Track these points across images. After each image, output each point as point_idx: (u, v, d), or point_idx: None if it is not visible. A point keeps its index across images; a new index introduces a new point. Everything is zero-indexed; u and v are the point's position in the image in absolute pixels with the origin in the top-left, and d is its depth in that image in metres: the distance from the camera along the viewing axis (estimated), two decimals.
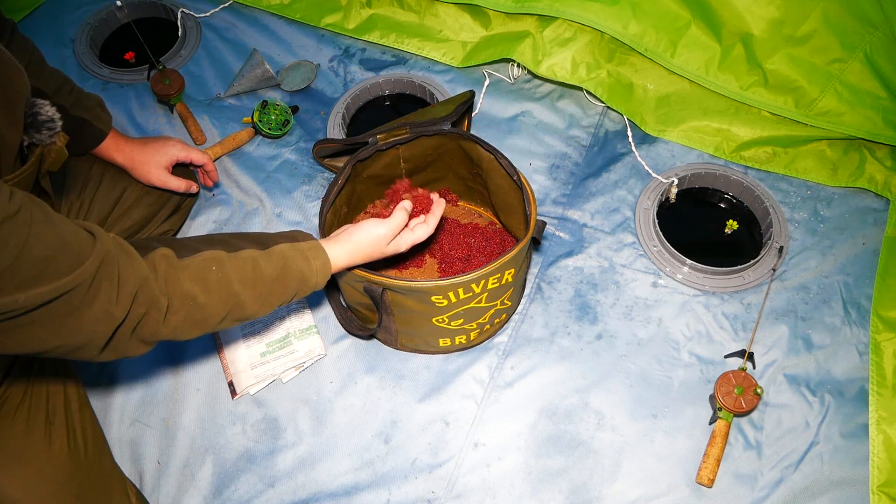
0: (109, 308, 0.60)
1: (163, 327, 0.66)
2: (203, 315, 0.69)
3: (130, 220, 1.03)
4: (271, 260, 0.74)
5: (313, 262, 0.77)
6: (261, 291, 0.73)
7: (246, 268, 0.72)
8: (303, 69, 1.36)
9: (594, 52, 1.21)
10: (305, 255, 0.77)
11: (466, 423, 0.97)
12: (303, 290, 0.77)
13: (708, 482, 0.89)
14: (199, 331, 0.70)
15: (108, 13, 1.46)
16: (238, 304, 0.71)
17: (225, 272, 0.70)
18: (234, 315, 0.72)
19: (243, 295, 0.71)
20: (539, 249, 1.12)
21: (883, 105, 1.07)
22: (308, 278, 0.77)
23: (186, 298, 0.67)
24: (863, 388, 0.96)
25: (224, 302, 0.70)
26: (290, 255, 0.76)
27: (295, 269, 0.75)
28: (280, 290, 0.75)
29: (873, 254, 1.07)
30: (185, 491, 0.95)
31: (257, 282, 0.72)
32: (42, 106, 0.71)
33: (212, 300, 0.69)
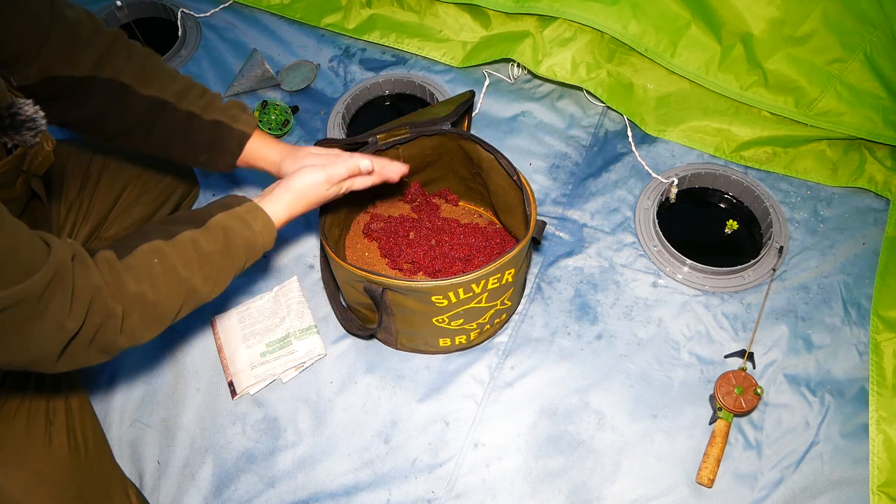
0: (62, 321, 0.58)
1: (119, 335, 0.65)
2: (157, 312, 0.67)
3: (130, 219, 1.03)
4: (211, 235, 0.71)
5: (254, 225, 0.74)
6: (209, 271, 0.71)
7: (188, 251, 0.69)
8: (303, 69, 1.36)
9: (594, 52, 1.21)
10: (244, 220, 0.74)
11: (466, 423, 0.97)
12: (252, 255, 0.75)
13: (708, 482, 0.89)
14: (157, 328, 0.69)
15: (108, 13, 1.46)
16: (190, 290, 0.69)
17: (168, 262, 0.68)
18: (189, 303, 0.70)
19: (192, 280, 0.69)
20: (539, 249, 1.12)
21: (883, 105, 1.07)
22: (254, 242, 0.74)
23: (137, 300, 0.65)
24: (863, 388, 0.96)
25: (175, 293, 0.68)
26: (229, 225, 0.73)
27: (237, 237, 0.73)
28: (228, 264, 0.73)
29: (873, 254, 1.07)
30: (185, 491, 0.95)
31: (203, 262, 0.70)
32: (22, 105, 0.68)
33: (162, 294, 0.67)
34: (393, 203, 1.15)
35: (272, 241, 0.77)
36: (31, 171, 0.74)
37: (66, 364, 0.63)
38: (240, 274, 0.77)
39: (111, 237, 1.02)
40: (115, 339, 0.64)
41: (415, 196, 1.12)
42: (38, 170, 0.74)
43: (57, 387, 0.86)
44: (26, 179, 0.75)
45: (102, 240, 1.01)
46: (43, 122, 0.69)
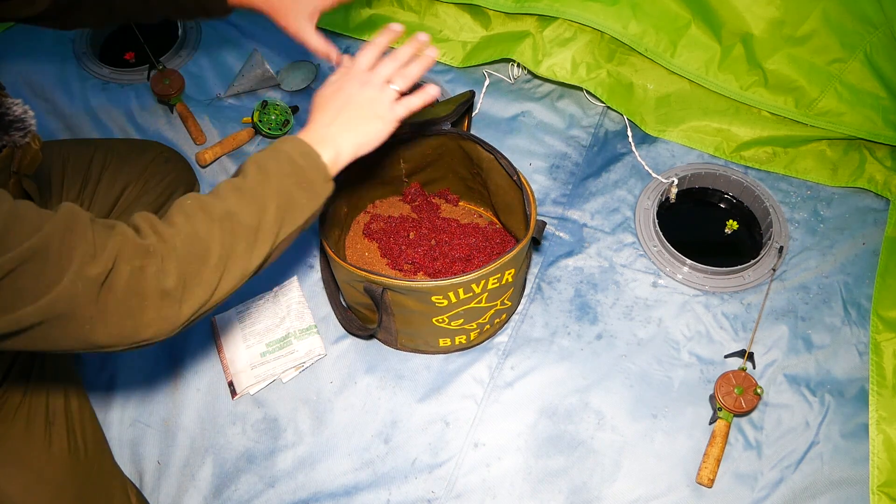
0: (84, 269, 0.52)
1: (165, 276, 0.56)
2: (202, 248, 0.58)
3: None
4: (245, 173, 0.64)
5: (283, 147, 0.65)
6: (250, 200, 0.62)
7: (223, 189, 0.63)
8: (303, 69, 1.36)
9: (594, 52, 1.21)
10: (274, 147, 0.66)
11: (466, 423, 0.97)
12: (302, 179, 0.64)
13: (708, 482, 0.89)
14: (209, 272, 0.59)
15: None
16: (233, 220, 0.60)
17: (202, 201, 0.61)
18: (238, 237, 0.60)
19: (233, 209, 0.61)
20: (539, 249, 1.12)
21: (883, 105, 1.07)
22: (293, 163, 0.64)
23: (175, 235, 0.58)
24: (863, 388, 0.96)
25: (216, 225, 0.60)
26: (260, 157, 0.65)
27: (268, 162, 0.64)
28: (272, 188, 0.62)
29: (873, 254, 1.07)
30: (185, 491, 0.95)
31: (241, 193, 0.62)
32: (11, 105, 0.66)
33: (201, 227, 0.59)
34: (393, 203, 1.15)
35: (316, 160, 0.65)
36: (21, 172, 0.73)
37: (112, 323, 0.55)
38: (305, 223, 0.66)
39: None
40: (162, 283, 0.56)
41: (415, 196, 1.12)
42: (27, 169, 0.74)
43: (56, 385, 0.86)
44: (18, 181, 0.75)
45: None
46: (32, 122, 0.69)
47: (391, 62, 0.73)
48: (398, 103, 0.72)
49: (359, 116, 0.70)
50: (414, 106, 0.73)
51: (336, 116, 0.69)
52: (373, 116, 0.70)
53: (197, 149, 1.25)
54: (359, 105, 0.70)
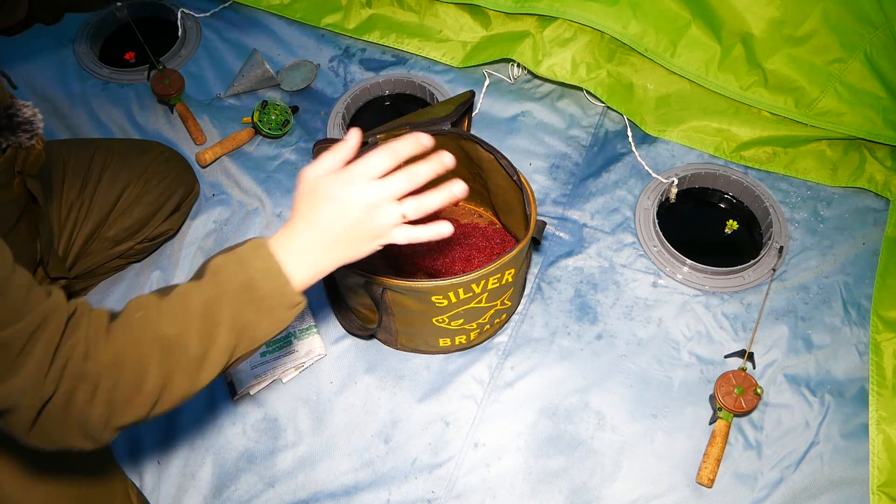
0: (38, 380, 0.49)
1: (93, 406, 0.52)
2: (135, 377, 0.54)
3: (131, 219, 1.03)
4: (202, 282, 0.55)
5: (252, 263, 0.55)
6: (199, 324, 0.55)
7: (175, 304, 0.55)
8: (303, 69, 1.36)
9: (594, 52, 1.21)
10: (241, 259, 0.56)
11: (466, 423, 0.97)
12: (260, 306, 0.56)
13: (708, 482, 0.89)
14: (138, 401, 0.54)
15: (108, 13, 1.46)
16: (167, 347, 0.54)
17: (150, 316, 0.54)
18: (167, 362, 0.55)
19: (170, 336, 0.54)
20: (539, 249, 1.12)
21: (883, 105, 1.07)
22: (253, 287, 0.55)
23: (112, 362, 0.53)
24: (863, 388, 0.96)
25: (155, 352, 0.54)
26: (223, 266, 0.56)
27: (230, 281, 0.55)
28: (221, 314, 0.55)
29: (873, 254, 1.07)
30: (185, 491, 0.95)
31: (188, 312, 0.54)
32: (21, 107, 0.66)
33: (142, 354, 0.54)
34: None
35: (285, 287, 0.56)
36: (25, 171, 0.74)
37: (43, 438, 0.53)
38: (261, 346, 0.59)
39: (112, 237, 1.02)
40: (90, 411, 0.52)
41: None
42: (31, 169, 0.74)
43: None
44: (23, 180, 0.75)
45: (103, 240, 1.01)
46: (40, 124, 0.69)
47: (407, 180, 0.58)
48: (401, 229, 0.59)
49: (352, 237, 0.57)
50: (419, 239, 0.60)
51: (325, 232, 0.57)
52: (368, 238, 0.58)
53: (197, 149, 1.25)
54: (357, 224, 0.57)
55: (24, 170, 0.73)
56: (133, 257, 1.10)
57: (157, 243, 1.12)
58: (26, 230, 0.81)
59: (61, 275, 0.89)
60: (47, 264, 0.86)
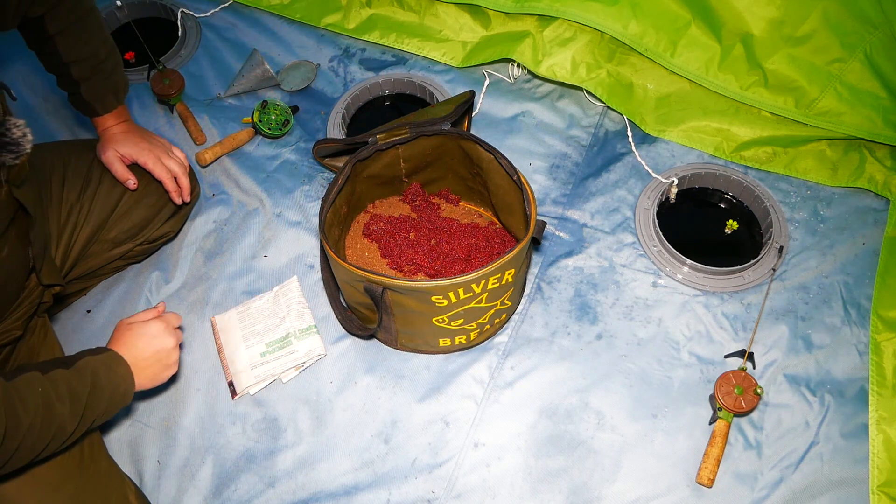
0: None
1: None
2: (31, 443, 0.67)
3: (130, 222, 1.03)
4: (81, 375, 0.74)
5: (118, 370, 0.79)
6: (77, 410, 0.72)
7: (62, 388, 0.71)
8: (303, 69, 1.36)
9: (594, 52, 1.21)
10: (109, 365, 0.78)
11: (466, 423, 0.97)
12: (114, 402, 0.78)
13: (708, 482, 0.89)
14: (23, 461, 0.69)
15: (108, 13, 1.46)
16: (61, 425, 0.70)
17: (47, 393, 0.69)
18: (58, 439, 0.71)
19: (63, 416, 0.70)
20: (539, 249, 1.12)
21: (883, 105, 1.07)
22: (116, 387, 0.78)
23: (17, 427, 0.65)
24: (863, 388, 0.96)
25: (48, 426, 0.69)
26: (97, 368, 0.76)
27: (103, 380, 0.76)
28: (94, 405, 0.75)
29: (873, 254, 1.07)
30: (185, 491, 0.95)
31: (74, 400, 0.72)
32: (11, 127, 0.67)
33: (39, 425, 0.67)
34: (393, 203, 1.15)
35: (131, 390, 0.81)
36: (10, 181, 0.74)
37: None
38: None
39: (112, 239, 1.02)
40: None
41: (415, 196, 1.13)
42: (14, 180, 0.74)
43: None
44: (10, 189, 0.75)
45: (103, 242, 1.01)
46: (28, 146, 0.69)
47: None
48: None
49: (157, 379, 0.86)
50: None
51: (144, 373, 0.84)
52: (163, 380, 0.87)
53: (197, 149, 1.25)
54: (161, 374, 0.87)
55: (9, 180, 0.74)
56: (133, 259, 1.10)
57: (158, 245, 1.12)
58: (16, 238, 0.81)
59: (55, 282, 0.89)
60: (40, 271, 0.86)
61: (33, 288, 0.88)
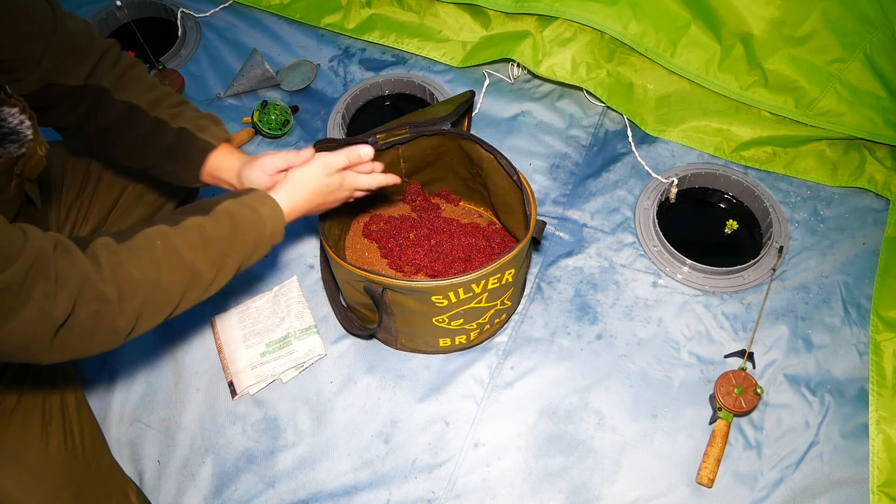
0: (47, 308, 0.57)
1: (120, 318, 0.63)
2: (161, 295, 0.66)
3: (130, 220, 1.03)
4: (218, 220, 0.71)
5: (262, 211, 0.74)
6: (214, 255, 0.69)
7: (192, 235, 0.68)
8: (303, 69, 1.36)
9: (594, 52, 1.21)
10: (252, 206, 0.73)
11: (466, 423, 0.97)
12: (260, 243, 0.74)
13: (708, 482, 0.89)
14: (160, 314, 0.67)
15: (108, 13, 1.46)
16: (194, 273, 0.68)
17: (171, 244, 0.67)
18: (193, 289, 0.69)
19: (197, 262, 0.68)
20: (539, 249, 1.12)
21: (883, 105, 1.07)
22: (262, 228, 0.73)
23: (138, 282, 0.63)
24: (863, 388, 0.96)
25: (179, 275, 0.66)
26: (237, 210, 0.72)
27: (245, 222, 0.72)
28: (236, 250, 0.71)
29: (873, 254, 1.07)
30: (185, 491, 0.95)
31: (209, 245, 0.69)
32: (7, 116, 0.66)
33: (164, 276, 0.65)
34: (393, 203, 1.15)
35: (281, 229, 0.76)
36: (24, 175, 0.73)
37: (64, 352, 0.61)
38: (246, 268, 0.75)
39: None
40: (115, 324, 0.62)
41: (415, 196, 1.13)
42: (30, 174, 0.74)
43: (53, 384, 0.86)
44: (20, 183, 0.75)
45: None
46: (28, 133, 0.68)
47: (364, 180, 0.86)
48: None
49: (325, 204, 0.84)
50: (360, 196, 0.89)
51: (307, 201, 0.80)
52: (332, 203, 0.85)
53: None
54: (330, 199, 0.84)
55: (23, 173, 0.73)
56: None
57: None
58: None
59: None
60: None
61: None
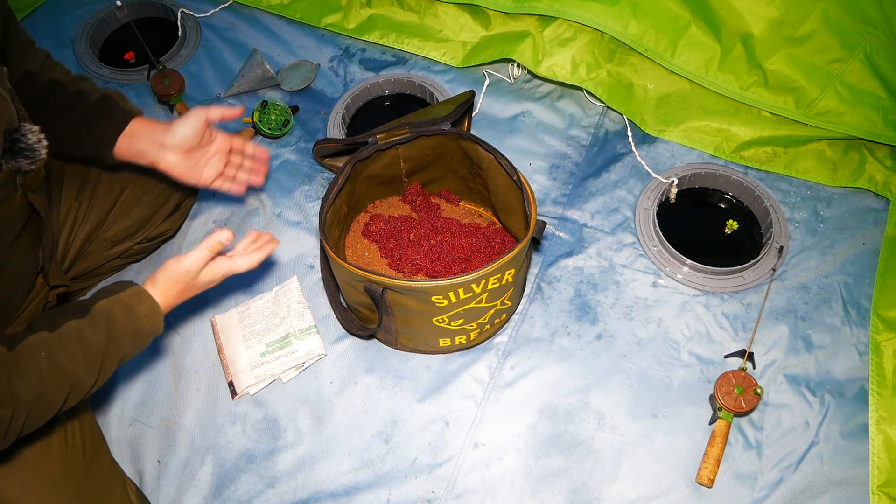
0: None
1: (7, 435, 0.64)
2: (44, 408, 0.67)
3: (129, 220, 1.03)
4: (95, 324, 0.71)
5: (138, 309, 0.74)
6: (94, 361, 0.70)
7: (72, 344, 0.69)
8: (303, 69, 1.36)
9: (594, 52, 1.21)
10: (128, 305, 0.74)
11: (466, 423, 0.97)
12: (140, 340, 0.75)
13: (708, 482, 0.89)
14: (44, 420, 0.68)
15: (108, 13, 1.46)
16: (75, 381, 0.69)
17: (54, 355, 0.67)
18: (74, 395, 0.70)
19: (77, 371, 0.69)
20: (539, 249, 1.12)
21: (883, 105, 1.07)
22: (139, 328, 0.74)
23: (25, 402, 0.64)
24: (863, 388, 0.96)
25: (61, 387, 0.68)
26: (113, 311, 0.73)
27: (121, 324, 0.73)
28: (114, 353, 0.72)
29: (873, 254, 1.07)
30: (185, 491, 0.95)
31: (87, 353, 0.70)
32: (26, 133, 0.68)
33: (48, 391, 0.66)
34: (393, 203, 1.15)
35: (160, 325, 0.77)
36: (26, 186, 0.74)
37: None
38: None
39: (111, 238, 1.02)
40: (3, 438, 0.64)
41: (415, 196, 1.13)
42: (31, 184, 0.74)
43: None
44: (24, 193, 0.75)
45: (102, 240, 1.01)
46: (43, 152, 0.70)
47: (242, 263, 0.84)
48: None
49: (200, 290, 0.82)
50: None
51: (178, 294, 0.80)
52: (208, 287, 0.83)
53: None
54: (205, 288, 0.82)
55: (24, 184, 0.74)
56: (132, 257, 1.10)
57: (157, 243, 1.12)
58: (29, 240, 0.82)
59: (61, 283, 0.90)
60: (48, 273, 0.86)
61: (40, 289, 0.89)
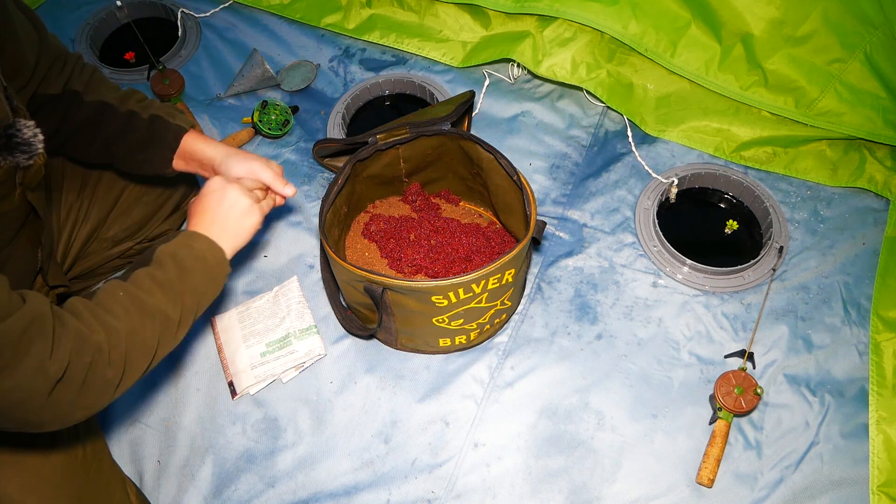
0: (44, 365, 0.58)
1: (109, 369, 0.64)
2: (139, 340, 0.68)
3: (130, 220, 1.03)
4: (161, 265, 0.73)
5: (195, 245, 0.76)
6: (172, 296, 0.72)
7: (146, 283, 0.71)
8: (303, 69, 1.36)
9: (594, 52, 1.21)
10: (185, 243, 0.76)
11: (466, 423, 0.97)
12: (210, 273, 0.76)
13: (708, 482, 0.89)
14: (145, 360, 0.69)
15: (108, 13, 1.46)
16: (162, 315, 0.70)
17: (131, 292, 0.69)
18: (165, 332, 0.71)
19: (160, 306, 0.70)
20: (539, 249, 1.12)
21: (883, 105, 1.07)
22: (204, 259, 0.76)
23: (118, 330, 0.66)
24: (863, 388, 0.96)
25: (149, 319, 0.69)
26: (174, 251, 0.75)
27: (186, 258, 0.75)
28: (191, 286, 0.74)
29: (873, 254, 1.07)
30: (185, 491, 0.95)
31: (164, 289, 0.71)
32: (21, 128, 0.68)
33: (136, 322, 0.67)
34: (393, 203, 1.15)
35: (223, 257, 0.78)
36: (25, 184, 0.74)
37: (59, 409, 0.61)
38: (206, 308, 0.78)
39: (111, 238, 1.02)
40: (106, 375, 0.64)
41: (415, 196, 1.13)
42: (30, 183, 0.74)
43: None
44: (23, 192, 0.75)
45: (102, 240, 1.01)
46: (40, 146, 0.70)
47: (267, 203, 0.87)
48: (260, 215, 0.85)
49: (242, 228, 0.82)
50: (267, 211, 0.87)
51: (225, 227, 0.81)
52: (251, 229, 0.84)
53: None
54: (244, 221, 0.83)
55: (24, 182, 0.74)
56: (132, 258, 1.10)
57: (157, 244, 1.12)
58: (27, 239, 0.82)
59: (60, 283, 0.90)
60: (47, 273, 0.86)
61: (39, 289, 0.88)
